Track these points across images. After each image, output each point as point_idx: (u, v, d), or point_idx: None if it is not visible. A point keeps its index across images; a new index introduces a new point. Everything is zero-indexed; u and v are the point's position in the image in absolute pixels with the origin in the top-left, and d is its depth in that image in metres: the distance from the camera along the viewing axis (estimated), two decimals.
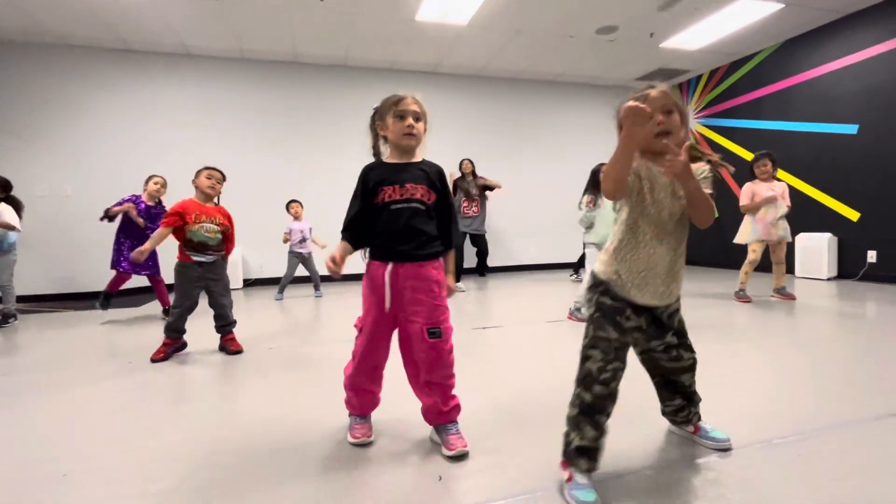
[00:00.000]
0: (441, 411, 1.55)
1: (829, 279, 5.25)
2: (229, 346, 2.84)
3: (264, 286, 5.99)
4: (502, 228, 7.00)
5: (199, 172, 2.85)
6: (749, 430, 1.63)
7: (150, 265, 4.01)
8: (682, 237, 1.36)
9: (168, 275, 4.05)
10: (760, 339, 2.86)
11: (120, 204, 3.92)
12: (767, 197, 4.01)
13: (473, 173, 6.16)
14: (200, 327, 3.10)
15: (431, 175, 1.61)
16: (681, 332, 1.45)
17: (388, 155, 1.64)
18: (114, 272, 3.99)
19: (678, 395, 1.53)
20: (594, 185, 3.48)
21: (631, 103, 1.17)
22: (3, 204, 3.85)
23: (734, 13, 5.03)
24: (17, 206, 3.94)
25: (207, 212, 2.79)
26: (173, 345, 2.77)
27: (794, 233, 5.60)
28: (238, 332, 2.95)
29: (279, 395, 2.13)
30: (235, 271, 5.85)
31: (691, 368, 1.49)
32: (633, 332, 1.35)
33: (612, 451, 1.38)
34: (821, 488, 1.28)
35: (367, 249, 1.62)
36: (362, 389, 1.64)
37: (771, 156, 4.15)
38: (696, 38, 5.65)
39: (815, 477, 1.34)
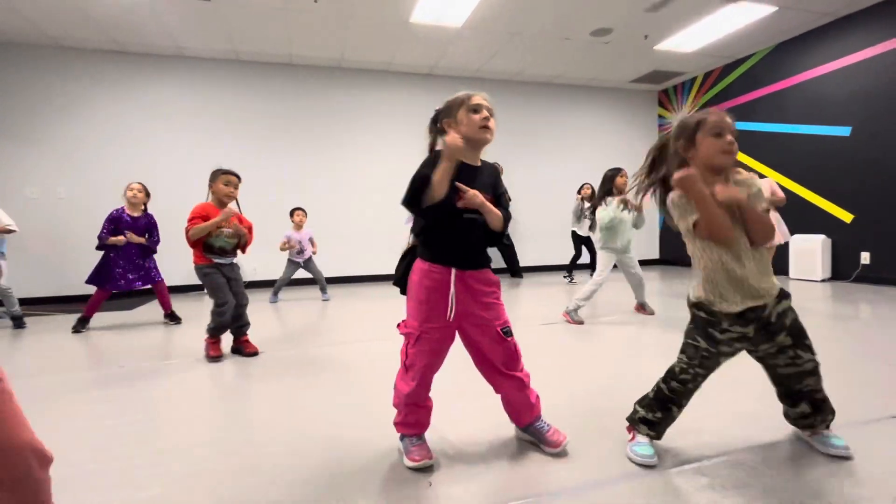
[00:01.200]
0: (532, 405, 1.57)
1: (822, 281, 5.27)
2: (245, 347, 2.84)
3: (259, 288, 5.96)
4: None
5: (215, 175, 2.77)
6: (742, 435, 1.62)
7: (143, 276, 3.80)
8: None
9: (169, 279, 4.04)
10: None
11: (107, 229, 3.65)
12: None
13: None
14: (194, 331, 3.08)
15: (492, 181, 1.56)
16: (796, 333, 1.43)
17: None
18: (95, 291, 3.70)
19: (803, 402, 1.48)
20: (607, 192, 3.53)
21: (678, 174, 1.33)
22: None
23: (727, 16, 5.05)
24: None
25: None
26: (219, 342, 2.80)
27: (789, 234, 5.65)
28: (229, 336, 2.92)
29: (267, 399, 2.12)
30: None
31: (814, 372, 1.45)
32: (734, 343, 1.42)
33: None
34: (817, 493, 1.28)
35: (407, 248, 1.56)
36: (420, 406, 1.53)
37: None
38: (691, 40, 5.68)
39: (811, 481, 1.33)
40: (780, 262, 5.74)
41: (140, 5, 4.51)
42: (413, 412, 1.52)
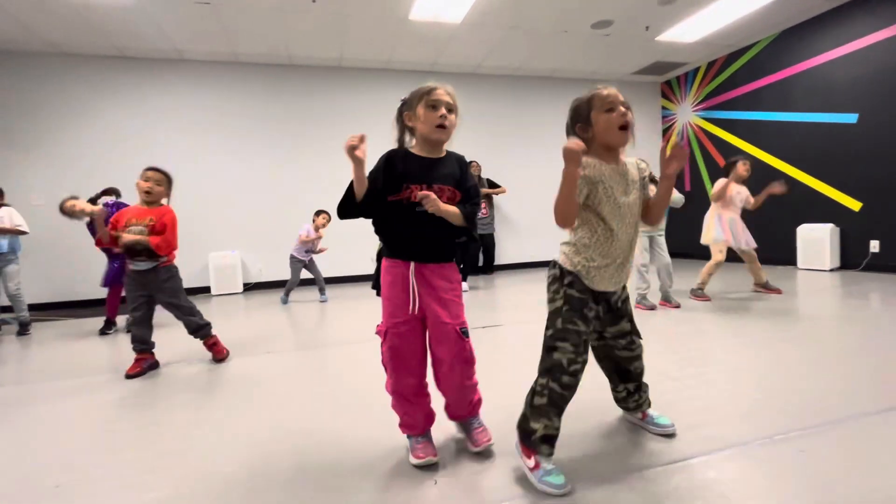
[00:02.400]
0: (470, 406, 1.56)
1: (831, 270, 5.20)
2: (213, 352, 2.76)
3: (264, 290, 5.98)
4: (502, 226, 6.97)
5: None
6: (749, 426, 1.60)
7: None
8: (636, 228, 1.46)
9: None
10: (758, 332, 2.83)
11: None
12: (741, 197, 4.03)
13: (479, 176, 6.32)
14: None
15: (456, 171, 1.54)
16: (632, 319, 1.55)
17: (414, 146, 1.55)
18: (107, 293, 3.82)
19: (631, 382, 1.60)
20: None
21: (567, 144, 1.25)
22: (4, 208, 3.83)
23: (730, 4, 4.98)
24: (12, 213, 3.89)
25: (139, 214, 2.61)
26: (146, 360, 2.64)
27: (796, 224, 5.59)
28: (234, 335, 2.92)
29: (277, 403, 2.12)
30: (234, 276, 5.84)
31: (641, 356, 1.58)
32: (593, 322, 1.43)
33: (597, 449, 1.36)
34: (823, 485, 1.26)
35: (380, 249, 1.55)
36: (413, 404, 1.51)
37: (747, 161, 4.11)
38: (692, 30, 5.61)
39: (817, 473, 1.31)
40: (788, 251, 5.68)
41: (139, 10, 4.52)
42: (407, 411, 1.51)
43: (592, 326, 1.42)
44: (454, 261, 1.55)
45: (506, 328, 3.30)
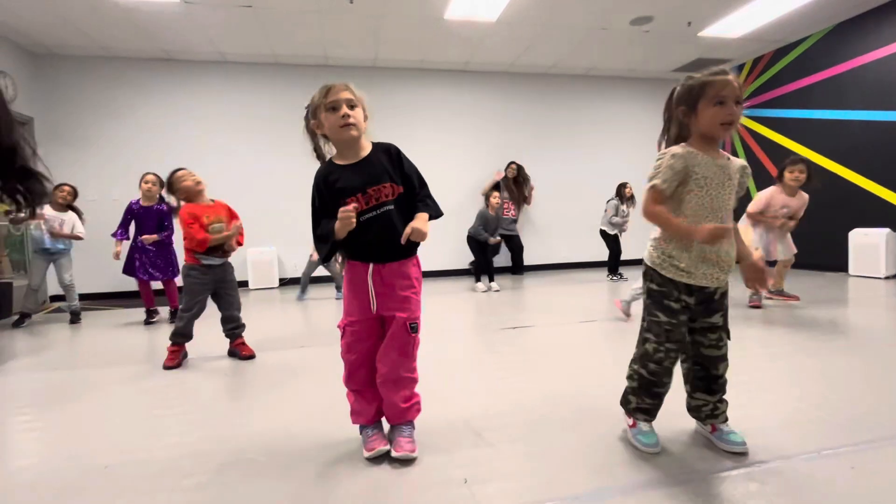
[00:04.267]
0: (401, 408, 1.53)
1: (886, 278, 4.90)
2: (240, 350, 2.76)
3: (295, 286, 6.12)
4: (536, 226, 6.90)
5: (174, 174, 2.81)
6: (794, 439, 1.53)
7: (162, 269, 4.01)
8: (729, 222, 1.42)
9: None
10: (807, 341, 2.70)
11: (124, 220, 4.00)
12: (778, 218, 3.58)
13: (517, 179, 6.38)
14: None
15: (387, 164, 1.49)
16: (725, 316, 1.48)
17: (335, 155, 1.53)
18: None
19: (712, 386, 1.48)
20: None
21: (711, 227, 1.29)
22: (72, 213, 4.06)
23: None
24: (79, 214, 4.14)
25: (211, 212, 2.69)
26: (180, 351, 2.70)
27: (848, 228, 5.29)
28: (270, 328, 3.00)
29: (312, 395, 2.16)
30: (271, 271, 6.01)
31: (726, 357, 1.48)
32: (682, 313, 1.41)
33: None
34: None
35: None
36: (361, 395, 1.56)
37: (809, 165, 3.55)
38: (738, 25, 5.38)
39: (869, 491, 1.24)
40: (839, 258, 5.39)
41: (185, 15, 4.70)
42: (358, 400, 1.56)
43: (679, 318, 1.40)
44: (414, 255, 1.55)
45: (537, 329, 3.26)
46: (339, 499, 1.30)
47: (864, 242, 5.10)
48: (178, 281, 3.32)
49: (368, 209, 1.45)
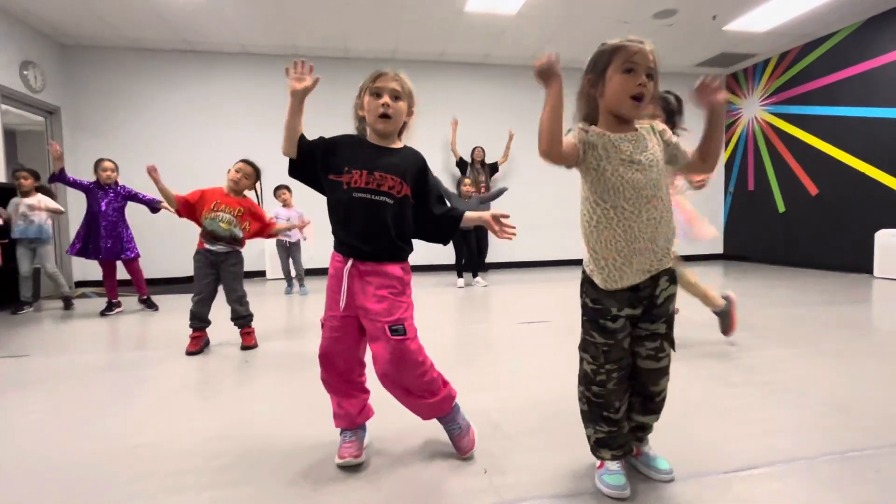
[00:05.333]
0: (427, 405, 1.40)
1: None
2: (243, 340, 2.79)
3: (315, 276, 6.18)
4: (559, 219, 6.87)
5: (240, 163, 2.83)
6: (818, 440, 1.51)
7: (114, 248, 3.90)
8: (662, 201, 1.21)
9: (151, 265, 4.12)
10: (831, 343, 2.65)
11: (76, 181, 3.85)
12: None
13: (483, 162, 6.17)
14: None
15: (408, 165, 1.42)
16: (669, 323, 1.27)
17: (370, 136, 1.47)
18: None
19: (648, 405, 1.30)
20: None
21: (535, 64, 1.15)
22: (39, 194, 4.02)
23: None
24: (50, 195, 4.11)
25: (228, 203, 2.73)
26: (202, 337, 2.74)
27: (874, 229, 5.14)
28: (285, 317, 3.03)
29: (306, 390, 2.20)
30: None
31: (667, 371, 1.28)
32: (621, 331, 1.23)
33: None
34: None
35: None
36: (343, 397, 1.46)
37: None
38: (765, 19, 5.26)
39: (893, 495, 1.22)
40: (864, 259, 5.26)
41: (208, 6, 4.76)
42: (339, 402, 1.45)
43: (617, 337, 1.22)
44: (404, 260, 1.44)
45: (547, 325, 3.26)
46: (358, 488, 1.32)
47: (891, 244, 4.97)
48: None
49: (365, 188, 1.35)
